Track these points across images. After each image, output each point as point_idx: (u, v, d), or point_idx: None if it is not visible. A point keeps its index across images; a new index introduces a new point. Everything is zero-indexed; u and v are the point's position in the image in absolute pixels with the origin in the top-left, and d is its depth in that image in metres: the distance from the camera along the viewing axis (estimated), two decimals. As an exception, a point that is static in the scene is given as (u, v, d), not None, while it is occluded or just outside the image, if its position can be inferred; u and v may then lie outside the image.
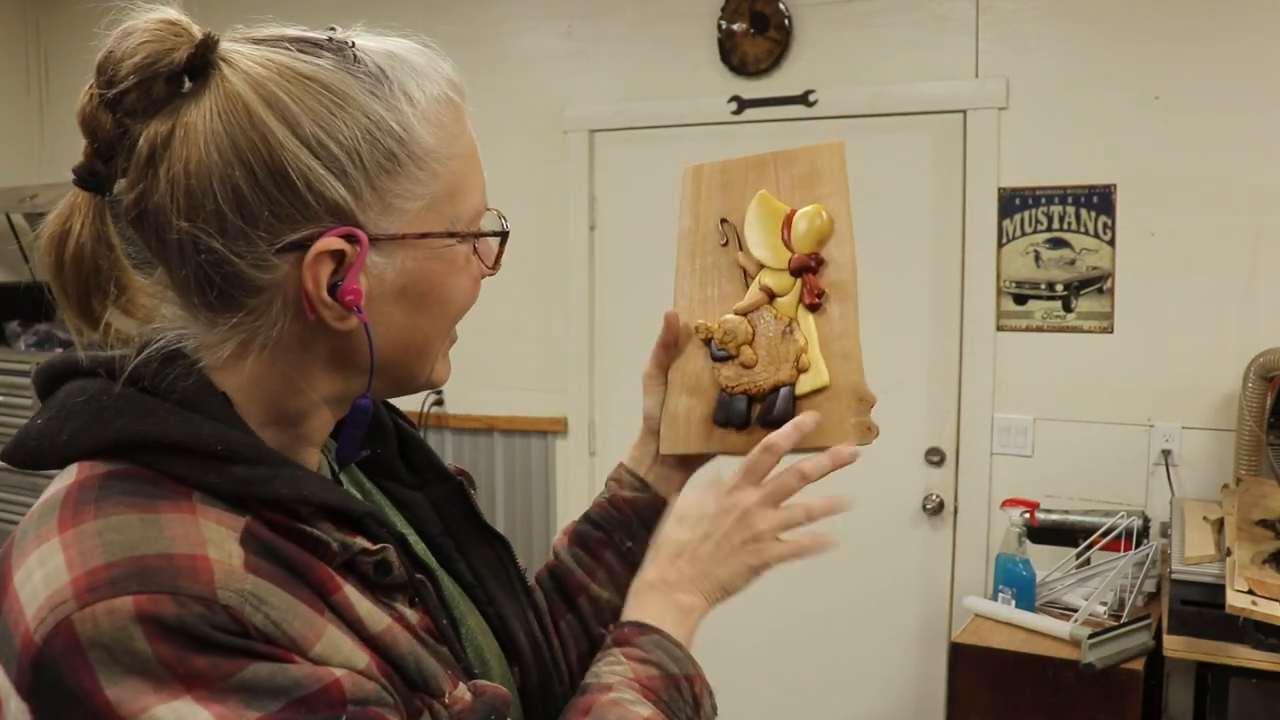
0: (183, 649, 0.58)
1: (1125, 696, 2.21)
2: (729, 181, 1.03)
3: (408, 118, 0.69)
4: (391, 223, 0.69)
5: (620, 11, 3.36)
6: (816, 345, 0.96)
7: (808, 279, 0.97)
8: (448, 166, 0.71)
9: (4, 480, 3.94)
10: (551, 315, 3.48)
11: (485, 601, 0.86)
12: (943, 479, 3.06)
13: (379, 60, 0.69)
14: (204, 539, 0.62)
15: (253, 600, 0.61)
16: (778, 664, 3.28)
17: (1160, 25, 2.75)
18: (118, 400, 0.67)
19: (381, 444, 0.87)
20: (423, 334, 0.74)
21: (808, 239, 0.97)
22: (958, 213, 2.98)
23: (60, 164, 4.35)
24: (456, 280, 0.74)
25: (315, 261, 0.66)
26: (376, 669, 0.66)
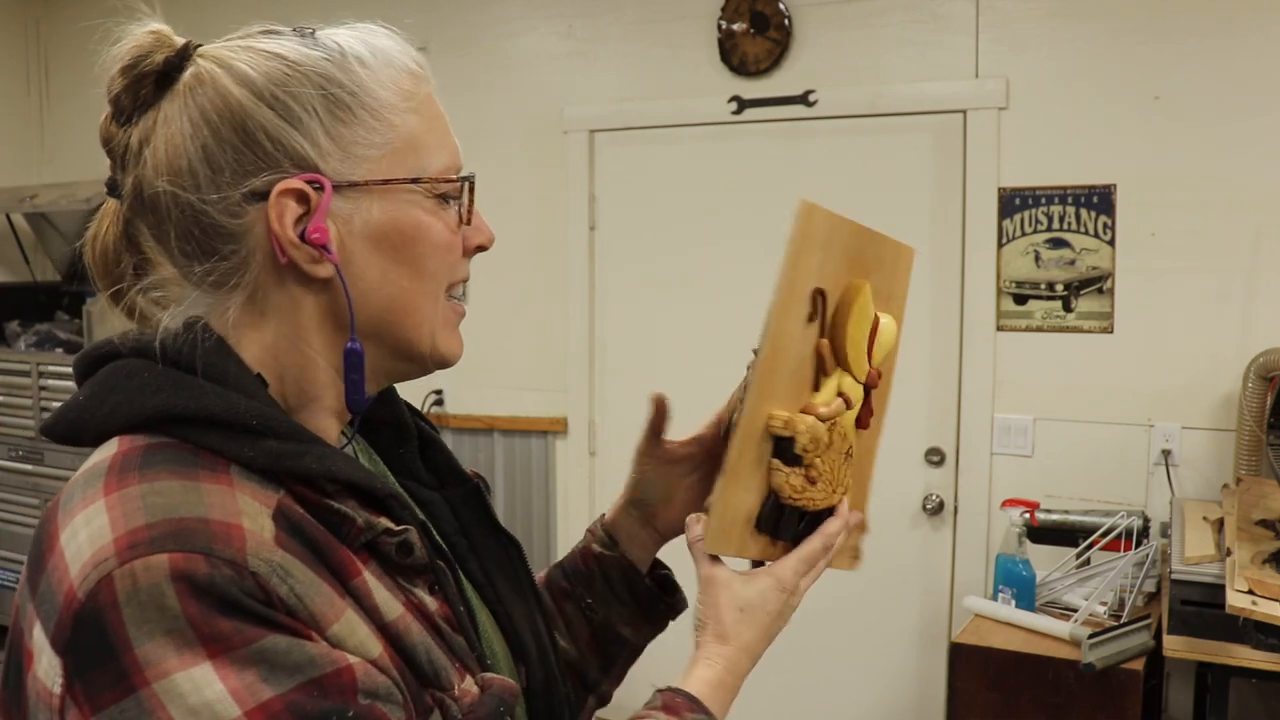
0: (210, 610, 0.60)
1: (1125, 696, 2.21)
2: (831, 243, 0.89)
3: (359, 76, 0.74)
4: (354, 170, 0.73)
5: (620, 11, 3.36)
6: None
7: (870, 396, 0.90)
8: (405, 120, 0.75)
9: (4, 480, 3.95)
10: (551, 315, 3.48)
11: (495, 600, 0.88)
12: (943, 479, 3.06)
13: (338, 38, 0.76)
14: (239, 509, 0.65)
15: (280, 571, 0.64)
16: (778, 663, 3.27)
17: (1160, 25, 2.75)
18: (158, 377, 0.71)
19: (403, 444, 0.91)
20: (403, 289, 0.75)
21: (881, 353, 0.90)
22: (958, 213, 2.99)
23: (60, 164, 4.35)
24: (427, 230, 0.75)
25: (278, 202, 0.71)
26: (389, 659, 0.68)
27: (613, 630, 1.02)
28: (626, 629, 1.02)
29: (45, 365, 3.75)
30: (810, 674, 3.26)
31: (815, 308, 0.87)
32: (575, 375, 3.47)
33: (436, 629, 0.74)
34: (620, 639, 1.02)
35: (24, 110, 4.40)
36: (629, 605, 1.02)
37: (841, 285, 0.89)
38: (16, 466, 3.89)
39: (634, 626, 1.03)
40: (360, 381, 0.75)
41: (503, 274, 3.51)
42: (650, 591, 1.02)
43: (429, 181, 0.75)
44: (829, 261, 0.88)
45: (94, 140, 0.80)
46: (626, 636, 1.02)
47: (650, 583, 1.02)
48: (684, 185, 3.28)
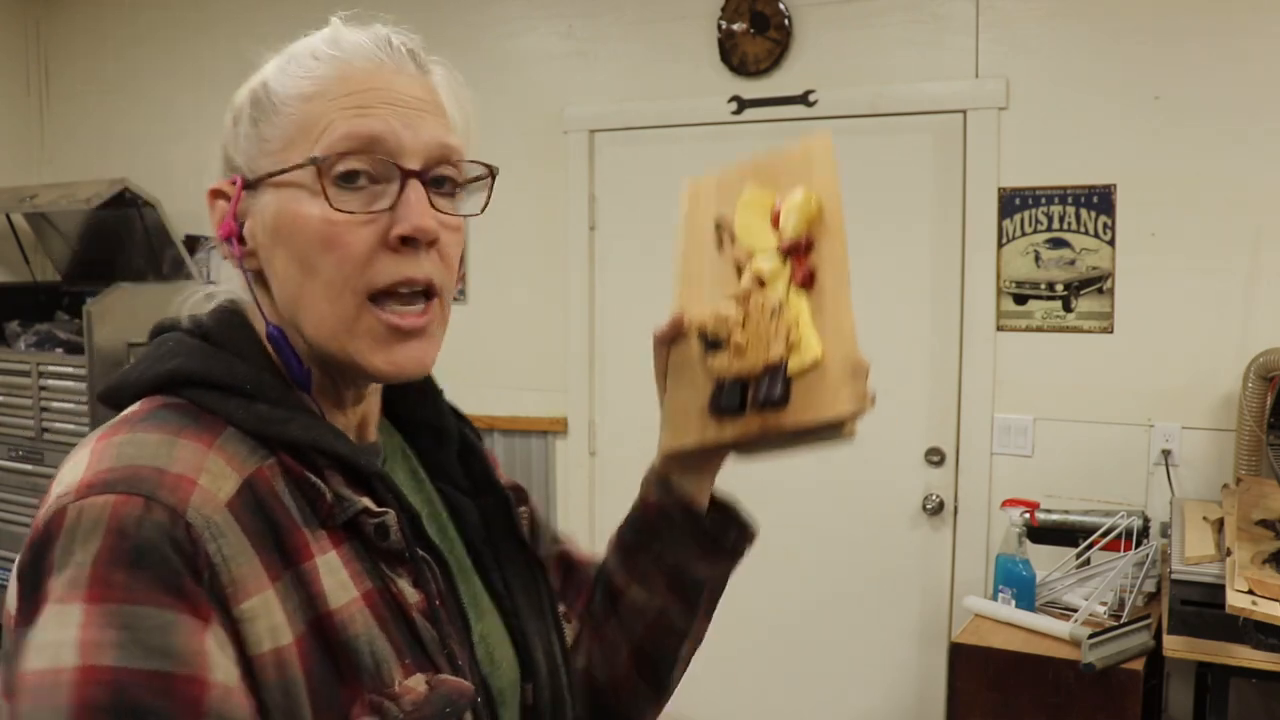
0: (119, 556, 0.62)
1: (1125, 696, 2.21)
2: (723, 185, 1.04)
3: (270, 73, 0.77)
4: (259, 165, 0.76)
5: (620, 11, 3.36)
6: (809, 322, 0.94)
7: (797, 260, 0.96)
8: (300, 107, 0.75)
9: (4, 480, 3.95)
10: (551, 315, 3.48)
11: (511, 613, 0.88)
12: (943, 479, 3.06)
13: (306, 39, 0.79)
14: (203, 468, 0.68)
15: (214, 529, 0.65)
16: (778, 663, 3.28)
17: (1160, 25, 2.75)
18: (178, 345, 0.77)
19: (442, 448, 0.91)
20: (298, 284, 0.75)
21: (801, 220, 0.97)
22: (958, 213, 2.98)
23: (60, 164, 4.34)
24: (301, 222, 0.74)
25: (210, 204, 0.79)
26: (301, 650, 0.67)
27: (688, 574, 0.99)
28: (703, 568, 0.99)
29: (45, 365, 3.75)
30: (810, 673, 3.26)
31: (719, 235, 1.02)
32: (575, 375, 3.47)
33: (404, 620, 0.73)
34: (697, 581, 0.99)
35: (24, 110, 4.40)
36: (701, 545, 0.99)
37: None
38: (16, 466, 3.88)
39: (710, 563, 1.00)
40: (291, 359, 0.77)
41: (503, 274, 3.51)
42: (717, 524, 1.00)
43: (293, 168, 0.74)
44: (724, 197, 1.03)
45: (94, 140, 0.81)
46: (703, 577, 1.00)
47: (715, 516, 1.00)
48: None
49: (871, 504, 3.11)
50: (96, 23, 4.28)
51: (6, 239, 4.32)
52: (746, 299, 0.97)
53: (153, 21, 4.12)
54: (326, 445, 0.73)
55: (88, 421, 3.66)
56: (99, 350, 3.63)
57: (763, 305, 0.96)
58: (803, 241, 0.96)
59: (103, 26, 4.26)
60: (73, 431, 3.72)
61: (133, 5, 4.19)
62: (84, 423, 3.68)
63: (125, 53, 4.19)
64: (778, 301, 0.95)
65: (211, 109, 0.86)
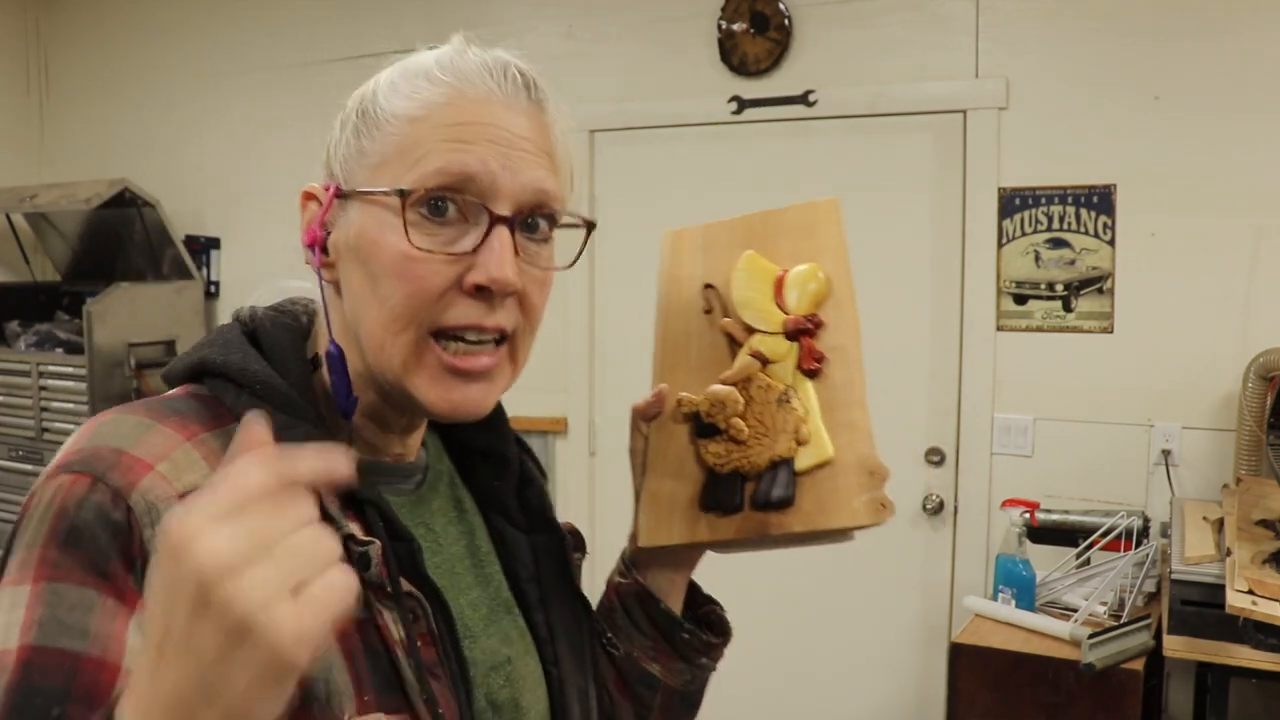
0: (60, 535, 0.63)
1: (1125, 696, 2.21)
2: (712, 243, 0.93)
3: (382, 84, 0.75)
4: (354, 178, 0.74)
5: (620, 11, 3.36)
6: (818, 415, 0.87)
7: (805, 343, 0.88)
8: (402, 129, 0.72)
9: (4, 480, 3.95)
10: (552, 315, 3.46)
11: (552, 660, 0.85)
12: (943, 479, 3.06)
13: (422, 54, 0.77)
14: (168, 457, 0.67)
15: (154, 516, 0.64)
16: (778, 663, 3.28)
17: (1160, 25, 2.75)
18: (219, 335, 0.77)
19: (501, 478, 0.88)
20: (367, 304, 0.72)
21: (804, 300, 0.89)
22: (958, 213, 2.98)
23: (60, 164, 4.34)
24: (379, 249, 0.71)
25: (302, 206, 0.77)
26: None
27: (638, 668, 0.94)
28: (654, 665, 0.94)
29: (45, 365, 3.75)
30: (810, 673, 3.26)
31: (709, 301, 0.91)
32: (575, 375, 3.47)
33: (386, 656, 0.69)
34: (648, 678, 0.94)
35: (24, 110, 4.40)
36: (650, 636, 0.94)
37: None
38: (16, 466, 3.88)
39: (661, 662, 0.94)
40: (341, 383, 0.75)
41: (503, 274, 3.51)
42: (668, 618, 0.94)
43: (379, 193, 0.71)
44: (713, 259, 0.92)
45: (94, 140, 0.80)
46: (655, 674, 0.94)
47: (666, 608, 0.94)
48: (684, 185, 3.28)
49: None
50: (97, 23, 4.28)
51: (6, 239, 4.32)
52: (748, 382, 0.88)
53: (153, 21, 4.12)
54: None
55: (88, 421, 3.66)
56: (99, 350, 3.63)
57: (767, 390, 0.87)
58: (811, 322, 0.88)
59: (103, 26, 4.26)
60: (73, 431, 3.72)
61: (133, 5, 4.19)
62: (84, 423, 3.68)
63: (125, 53, 4.19)
64: (785, 389, 0.87)
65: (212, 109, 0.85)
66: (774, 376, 0.88)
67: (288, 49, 3.77)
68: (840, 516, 0.86)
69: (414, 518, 0.80)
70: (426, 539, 0.80)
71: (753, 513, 0.86)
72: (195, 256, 3.99)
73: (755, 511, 0.86)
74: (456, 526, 0.84)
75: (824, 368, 0.87)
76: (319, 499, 0.68)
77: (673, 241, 0.96)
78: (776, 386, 0.87)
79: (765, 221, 0.93)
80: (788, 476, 0.86)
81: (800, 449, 0.86)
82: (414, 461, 0.83)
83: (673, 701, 0.96)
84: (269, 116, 3.75)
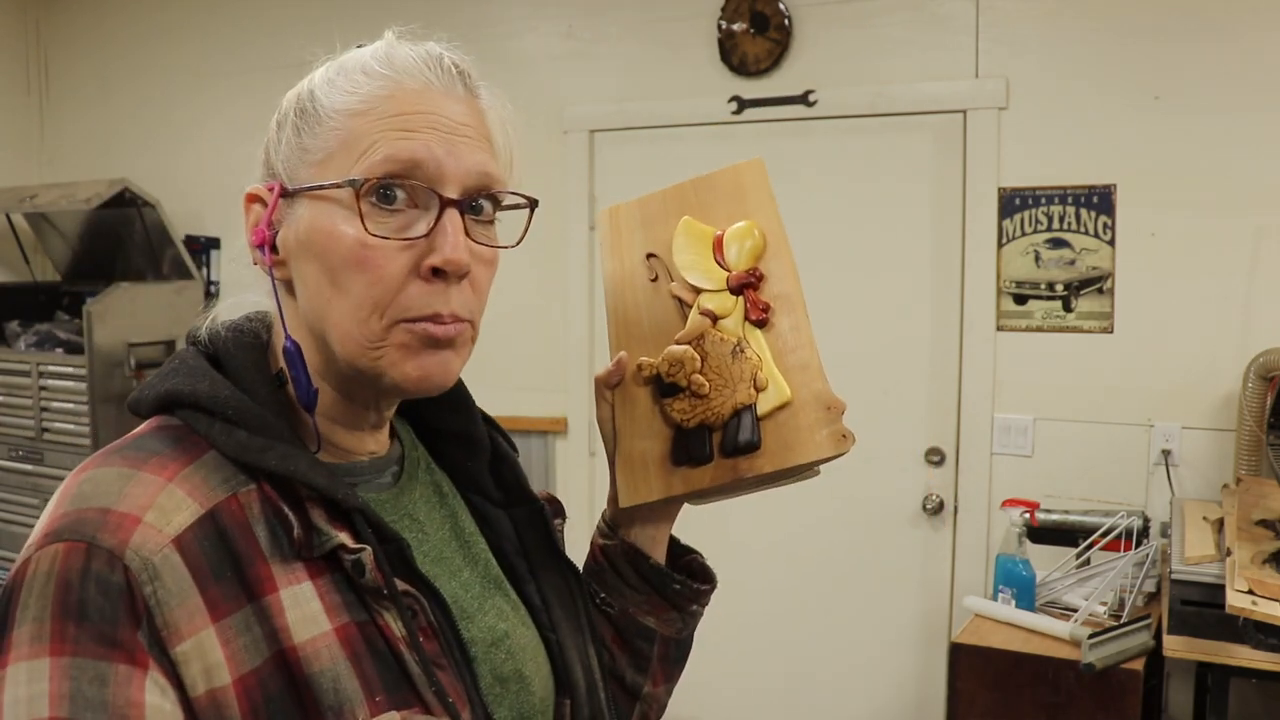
0: (70, 608, 0.63)
1: (1125, 696, 2.21)
2: (648, 216, 0.98)
3: (318, 82, 0.76)
4: (299, 175, 0.75)
5: (620, 11, 3.36)
6: (771, 361, 0.91)
7: (750, 295, 0.92)
8: (345, 123, 0.74)
9: (4, 480, 3.94)
10: (551, 315, 3.48)
11: (548, 627, 0.87)
12: (943, 479, 3.06)
13: (356, 51, 0.78)
14: (153, 504, 0.67)
15: (151, 570, 0.65)
16: (778, 663, 3.28)
17: (1160, 25, 2.75)
18: (182, 363, 0.77)
19: (474, 458, 0.90)
20: (325, 299, 0.74)
21: (743, 256, 0.93)
22: (958, 213, 2.98)
23: (60, 164, 4.34)
24: (335, 240, 0.73)
25: (246, 208, 0.77)
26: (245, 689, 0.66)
27: (634, 622, 0.98)
28: (649, 618, 0.98)
29: (45, 365, 3.75)
30: (810, 673, 3.26)
31: (653, 269, 0.96)
32: (575, 375, 3.47)
33: (392, 654, 0.71)
34: (645, 631, 0.98)
35: (24, 110, 4.40)
36: (643, 591, 0.98)
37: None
38: (16, 466, 3.88)
39: (656, 614, 0.98)
40: (301, 377, 0.76)
41: (502, 274, 3.50)
42: (658, 572, 0.97)
43: (330, 187, 0.73)
44: (651, 230, 0.98)
45: (94, 140, 0.81)
46: (651, 626, 0.98)
47: (656, 563, 0.98)
48: (684, 185, 3.28)
49: (871, 504, 3.11)
50: (97, 23, 4.28)
51: (6, 239, 4.32)
52: (701, 339, 0.93)
53: (153, 22, 4.12)
54: (303, 477, 0.71)
55: (88, 421, 3.66)
56: (99, 350, 3.63)
57: (721, 344, 0.92)
58: (753, 275, 0.93)
59: (103, 27, 4.26)
60: (73, 431, 3.72)
61: (133, 5, 4.19)
62: (84, 423, 3.68)
63: (125, 53, 4.19)
64: (737, 340, 0.92)
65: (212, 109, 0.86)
66: (725, 331, 0.93)
67: (288, 49, 3.76)
68: (805, 451, 0.89)
69: (397, 510, 0.82)
70: (412, 529, 0.82)
71: (723, 460, 0.91)
72: (195, 256, 3.99)
73: (725, 459, 0.91)
74: (439, 511, 0.86)
75: (770, 317, 0.92)
76: (305, 514, 0.70)
77: (610, 218, 1.00)
78: (729, 340, 0.92)
79: (696, 188, 0.98)
80: (751, 421, 0.90)
81: (759, 395, 0.90)
82: (388, 455, 0.84)
83: (668, 649, 1.00)
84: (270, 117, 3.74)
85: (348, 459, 0.81)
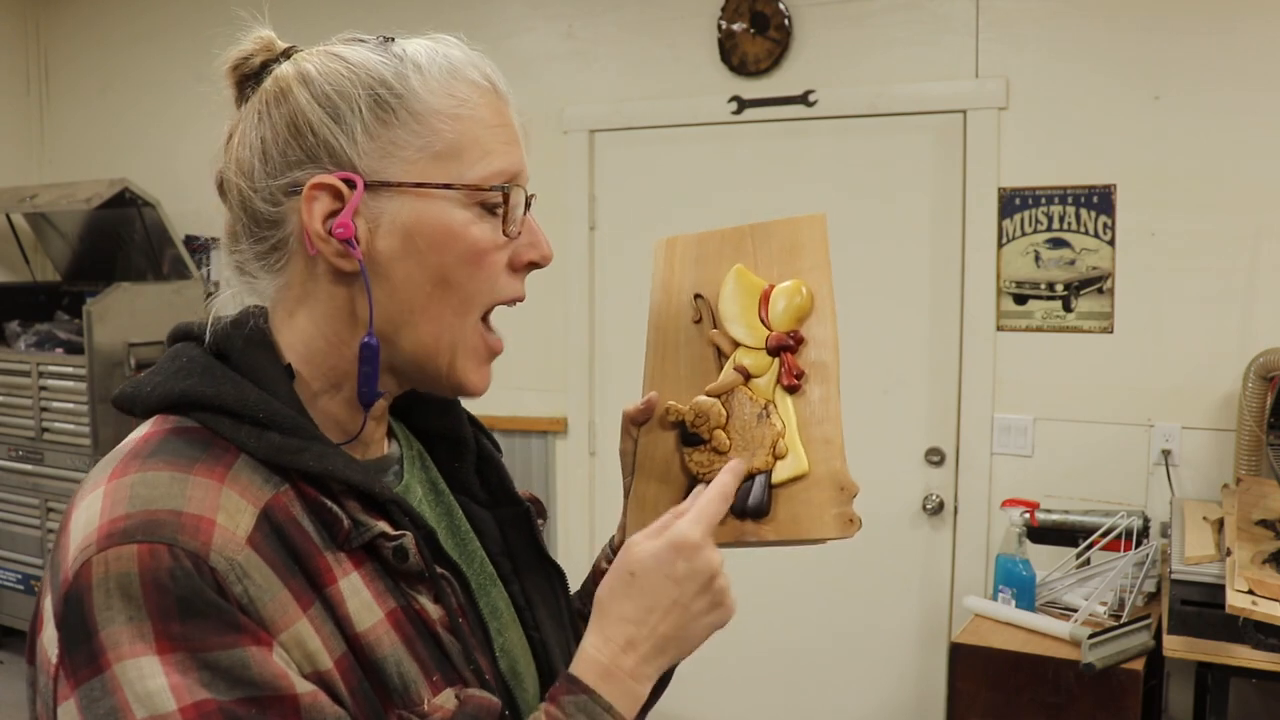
0: (168, 607, 0.63)
1: (1125, 696, 2.21)
2: (704, 254, 0.98)
3: (410, 80, 0.75)
4: (389, 170, 0.74)
5: (620, 11, 3.36)
6: (795, 430, 0.91)
7: (786, 359, 0.92)
8: (453, 126, 0.75)
9: (4, 480, 3.95)
10: (551, 315, 3.48)
11: (532, 625, 0.89)
12: (943, 479, 3.06)
13: (407, 46, 0.78)
14: (218, 505, 0.67)
15: (239, 570, 0.66)
16: (778, 663, 3.28)
17: (1160, 25, 2.75)
18: (191, 363, 0.75)
19: (460, 459, 0.91)
20: (425, 294, 0.75)
21: (786, 316, 0.93)
22: (958, 213, 2.98)
23: (60, 164, 4.35)
24: (455, 237, 0.75)
25: (310, 196, 0.74)
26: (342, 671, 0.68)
27: None
28: None
29: (45, 365, 3.75)
30: (810, 673, 3.26)
31: (698, 310, 0.96)
32: (575, 375, 3.47)
33: (431, 636, 0.74)
34: None
35: (24, 110, 4.40)
36: None
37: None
38: (16, 466, 3.89)
39: None
40: (371, 374, 0.76)
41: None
42: None
43: (461, 188, 0.75)
44: (704, 269, 0.97)
45: (94, 140, 0.80)
46: None
47: None
48: (684, 185, 3.28)
49: (871, 504, 3.10)
50: (96, 23, 4.28)
51: (6, 239, 4.32)
52: (730, 394, 0.93)
53: (153, 21, 4.13)
54: (341, 474, 0.73)
55: (88, 422, 3.66)
56: (99, 350, 3.63)
57: (749, 404, 0.92)
58: (792, 338, 0.93)
59: (103, 26, 4.26)
60: (73, 431, 3.72)
61: (133, 4, 4.19)
62: (84, 423, 3.68)
63: (125, 52, 4.20)
64: (765, 404, 0.92)
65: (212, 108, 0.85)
66: (756, 391, 0.93)
67: (288, 49, 3.76)
68: (811, 529, 0.90)
69: None
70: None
71: (731, 519, 0.91)
72: (195, 256, 3.99)
73: (733, 519, 0.91)
74: (437, 509, 0.88)
75: (803, 384, 0.92)
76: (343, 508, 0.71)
77: (666, 250, 1.00)
78: (758, 401, 0.92)
79: (754, 235, 0.98)
80: (764, 488, 0.91)
81: (778, 462, 0.91)
82: (389, 453, 0.85)
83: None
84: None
85: (363, 454, 0.82)
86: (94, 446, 3.66)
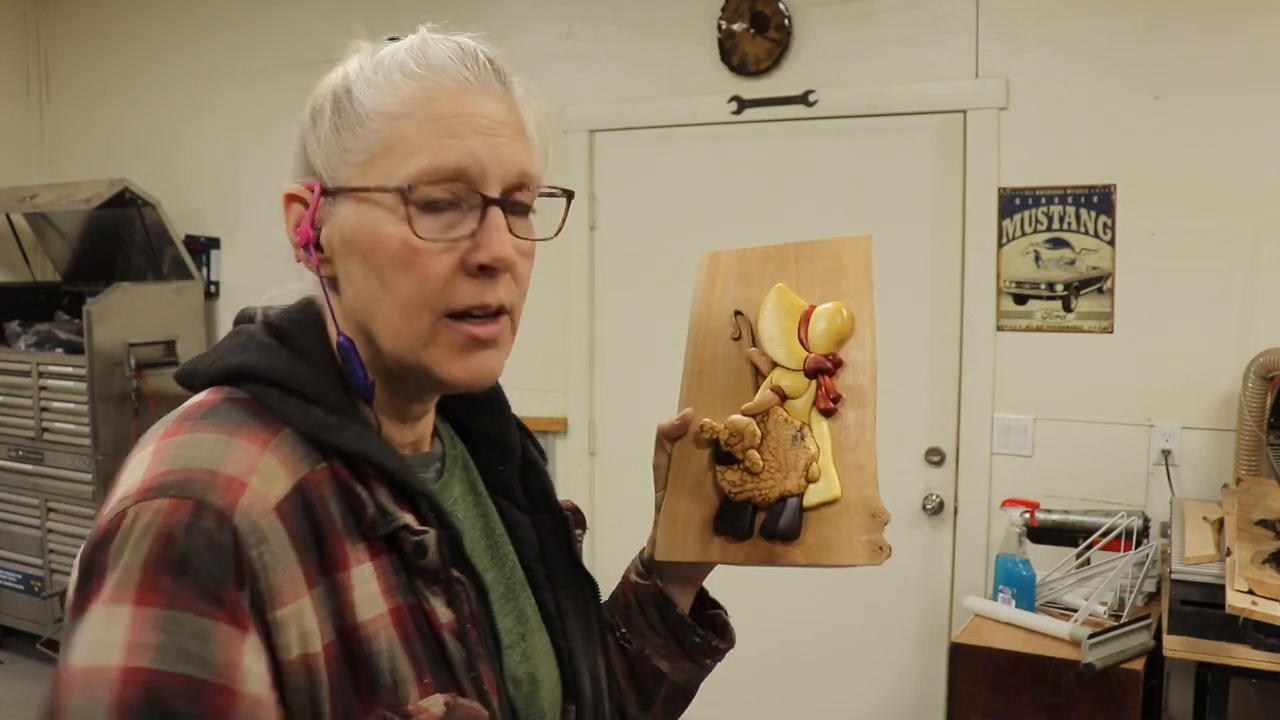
0: (168, 561, 0.64)
1: (1125, 696, 2.21)
2: (746, 271, 0.98)
3: (356, 80, 0.76)
4: (339, 175, 0.76)
5: (620, 11, 3.36)
6: (829, 454, 0.91)
7: (824, 381, 0.92)
8: (390, 125, 0.74)
9: (4, 480, 3.95)
10: (551, 315, 3.48)
11: (560, 635, 0.88)
12: (943, 479, 3.06)
13: (389, 47, 0.78)
14: (256, 469, 0.69)
15: (259, 534, 0.66)
16: (778, 664, 3.28)
17: (1160, 25, 2.75)
18: (249, 340, 0.78)
19: (504, 463, 0.92)
20: (375, 297, 0.75)
21: (826, 338, 0.93)
22: (958, 213, 2.98)
23: (60, 164, 4.35)
24: (382, 241, 0.74)
25: (286, 207, 0.78)
26: (328, 659, 0.68)
27: (648, 663, 0.99)
28: (663, 663, 1.00)
29: (45, 365, 3.75)
30: (811, 673, 3.26)
31: (738, 327, 0.95)
32: (575, 375, 3.47)
33: (435, 638, 0.73)
34: (657, 673, 1.00)
35: (24, 110, 4.40)
36: (663, 636, 0.99)
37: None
38: (16, 466, 3.89)
39: (670, 660, 1.00)
40: (357, 371, 0.77)
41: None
42: (682, 623, 0.99)
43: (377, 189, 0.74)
44: (746, 286, 0.97)
45: (94, 140, 0.80)
46: (664, 671, 1.00)
47: (681, 613, 0.99)
48: (684, 185, 3.28)
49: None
50: (96, 23, 4.28)
51: (6, 239, 4.32)
52: (766, 415, 0.92)
53: (153, 21, 4.13)
54: (376, 458, 0.73)
55: (88, 421, 3.66)
56: (99, 350, 3.63)
57: (784, 425, 0.92)
58: (830, 360, 0.92)
59: (103, 26, 4.26)
60: (73, 431, 3.72)
61: (133, 5, 4.19)
62: (84, 423, 3.68)
63: (125, 52, 4.20)
64: (800, 426, 0.91)
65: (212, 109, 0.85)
66: (791, 412, 0.92)
67: (287, 48, 3.76)
68: (840, 555, 0.90)
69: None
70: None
71: (760, 541, 0.91)
72: (195, 256, 3.99)
73: (763, 540, 0.91)
74: (474, 510, 0.88)
75: (839, 408, 0.92)
76: (373, 494, 0.72)
77: (710, 264, 0.99)
78: (793, 423, 0.92)
79: (798, 253, 0.97)
80: (795, 511, 0.90)
81: (810, 486, 0.90)
82: (431, 451, 0.86)
83: (675, 694, 1.02)
84: (269, 116, 3.74)
85: (412, 453, 0.83)
86: (94, 446, 3.66)
